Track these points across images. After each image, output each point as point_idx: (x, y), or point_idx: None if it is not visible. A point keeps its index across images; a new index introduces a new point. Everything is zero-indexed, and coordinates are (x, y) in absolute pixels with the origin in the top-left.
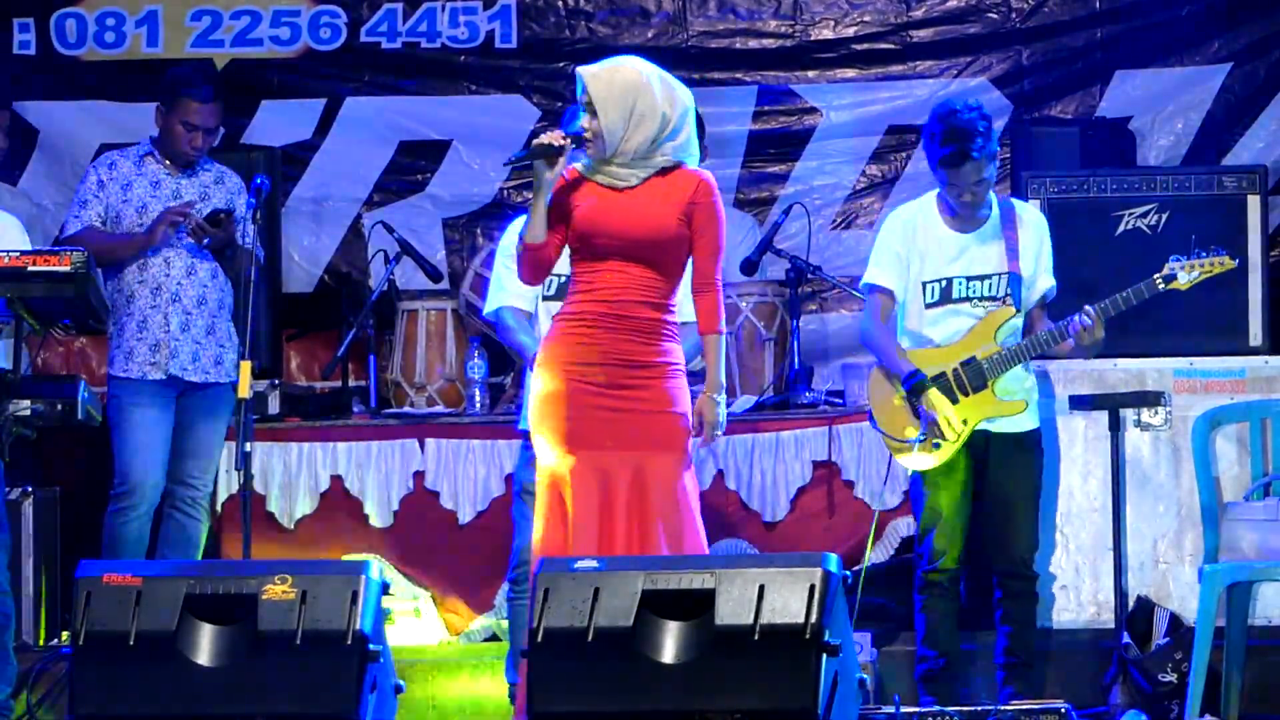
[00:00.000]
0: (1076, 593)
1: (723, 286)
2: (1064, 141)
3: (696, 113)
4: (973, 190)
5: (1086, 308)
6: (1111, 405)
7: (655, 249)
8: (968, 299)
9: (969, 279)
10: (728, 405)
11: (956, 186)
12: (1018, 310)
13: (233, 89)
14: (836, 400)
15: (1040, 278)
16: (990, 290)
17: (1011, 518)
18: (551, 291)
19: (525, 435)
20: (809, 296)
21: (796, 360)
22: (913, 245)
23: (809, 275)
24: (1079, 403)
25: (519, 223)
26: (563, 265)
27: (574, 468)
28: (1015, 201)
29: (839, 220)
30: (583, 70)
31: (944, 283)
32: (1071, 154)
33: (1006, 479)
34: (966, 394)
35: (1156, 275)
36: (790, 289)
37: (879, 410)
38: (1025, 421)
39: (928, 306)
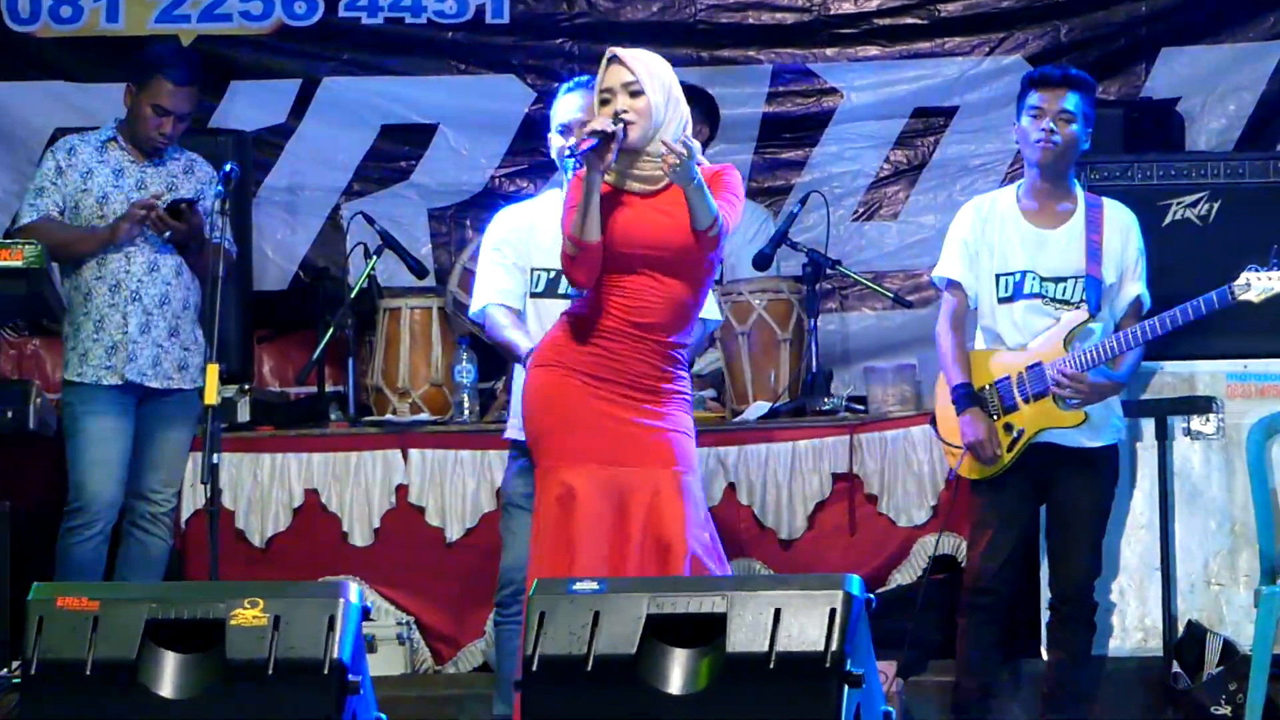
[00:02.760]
0: (1122, 617)
1: (732, 283)
2: (1106, 125)
3: (708, 94)
4: (1057, 123)
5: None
6: (1159, 412)
7: (688, 259)
8: (1041, 296)
9: (1042, 279)
10: (738, 413)
11: (1040, 118)
12: (1094, 317)
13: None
14: (858, 407)
15: (1126, 285)
16: (1064, 294)
17: (1073, 539)
18: (540, 288)
19: (514, 444)
20: (828, 294)
21: (814, 363)
22: (982, 235)
23: (828, 270)
24: (1123, 409)
25: (507, 213)
26: (553, 261)
27: (583, 482)
28: (1106, 200)
29: (861, 211)
30: (619, 50)
31: (1017, 277)
32: (1114, 138)
33: (1070, 497)
34: (1028, 401)
35: (1230, 286)
36: (807, 285)
37: (941, 415)
38: (1095, 436)
39: (1000, 301)
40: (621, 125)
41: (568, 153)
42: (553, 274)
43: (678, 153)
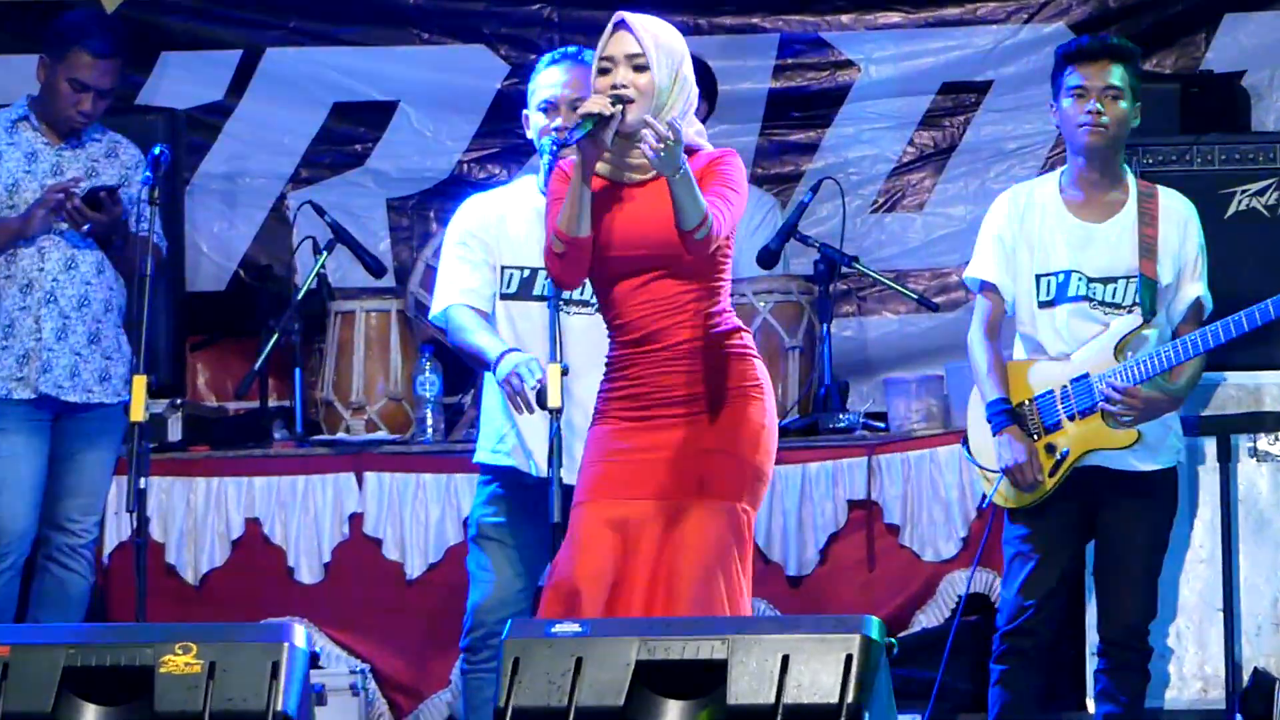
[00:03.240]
0: (1179, 664)
1: (735, 282)
2: (1161, 102)
3: (706, 67)
4: (1103, 102)
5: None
6: (1221, 430)
7: (674, 255)
8: (1087, 299)
9: (1089, 280)
10: None
11: (1084, 98)
12: (1148, 322)
13: (126, 37)
14: (878, 424)
15: (1185, 285)
16: (1114, 296)
17: (1124, 575)
18: (512, 289)
19: (483, 468)
20: (843, 295)
21: (828, 374)
22: (1020, 230)
23: (843, 268)
24: (1181, 428)
25: (474, 203)
26: (527, 258)
27: (593, 519)
28: (1160, 189)
29: (881, 200)
30: (629, 16)
31: (1060, 277)
32: (1170, 117)
33: (1121, 528)
34: (1073, 418)
35: None
36: (820, 285)
37: (973, 434)
38: (1150, 458)
39: (1041, 305)
40: (620, 106)
41: (561, 136)
42: (526, 273)
43: (661, 134)
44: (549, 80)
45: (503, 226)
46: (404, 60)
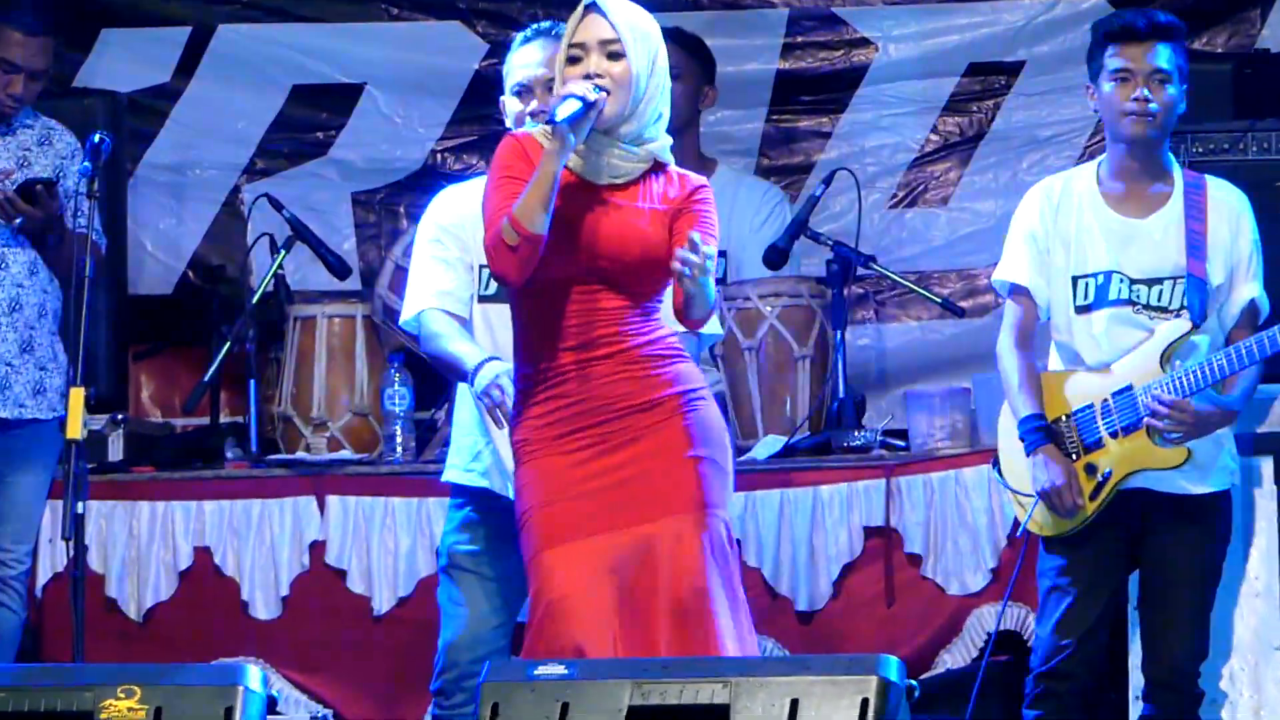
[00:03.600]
0: (1233, 709)
1: (738, 284)
2: (1213, 84)
3: (705, 48)
4: (1150, 86)
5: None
6: (1278, 448)
7: (636, 271)
8: (1130, 303)
9: (1132, 281)
10: (740, 453)
11: (1128, 82)
12: (1198, 327)
13: (63, 12)
14: (897, 442)
15: (1238, 286)
16: (1159, 299)
17: (1172, 610)
18: (491, 289)
19: (455, 490)
20: (860, 299)
21: (842, 387)
22: (1054, 227)
23: (859, 269)
24: (1236, 446)
25: (447, 196)
26: None
27: (572, 567)
28: (1209, 179)
29: (901, 194)
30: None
31: (1099, 279)
32: (1223, 101)
33: (1169, 557)
34: (1115, 436)
35: None
36: (833, 288)
37: (1004, 453)
38: (1201, 480)
39: (1078, 310)
40: (604, 95)
41: (544, 117)
42: None
43: (695, 265)
44: (524, 60)
45: (479, 222)
46: (371, 38)
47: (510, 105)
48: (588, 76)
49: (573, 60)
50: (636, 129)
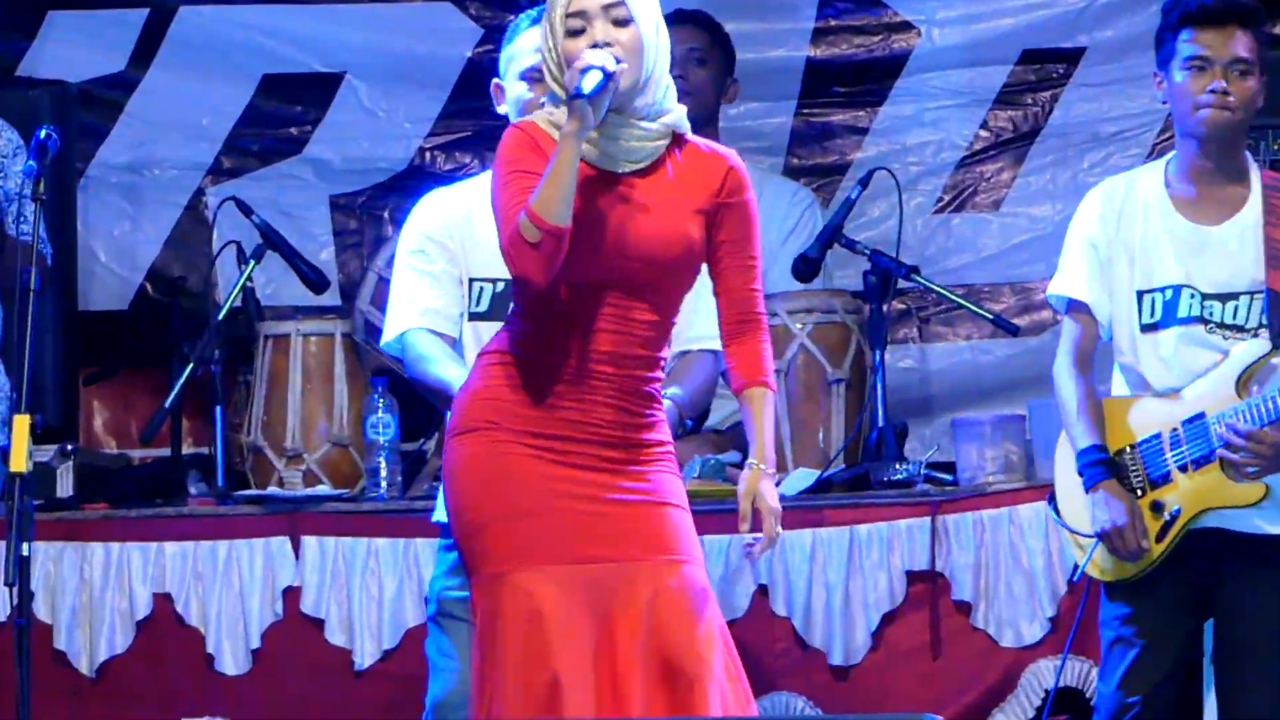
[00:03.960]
0: None
1: (765, 299)
2: None
3: (723, 32)
4: (1229, 78)
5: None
6: None
7: (673, 274)
8: (1202, 320)
9: (1204, 296)
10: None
11: (1204, 71)
12: (1278, 348)
13: None
14: (944, 476)
15: None
16: (1234, 316)
17: (1250, 663)
18: (484, 306)
19: (445, 530)
20: (901, 316)
21: (881, 414)
22: (1117, 235)
23: (900, 281)
24: None
25: (432, 201)
26: (500, 268)
27: (548, 590)
28: None
29: (947, 198)
30: None
31: (1167, 294)
32: None
33: (1245, 605)
34: (1185, 469)
35: None
36: (872, 304)
37: (1062, 489)
38: (1277, 519)
39: (1144, 329)
40: (621, 65)
41: (572, 92)
42: (500, 285)
43: (767, 539)
44: (533, 43)
45: (469, 229)
46: (351, 21)
47: (514, 90)
48: (596, 46)
49: (575, 33)
50: (651, 101)
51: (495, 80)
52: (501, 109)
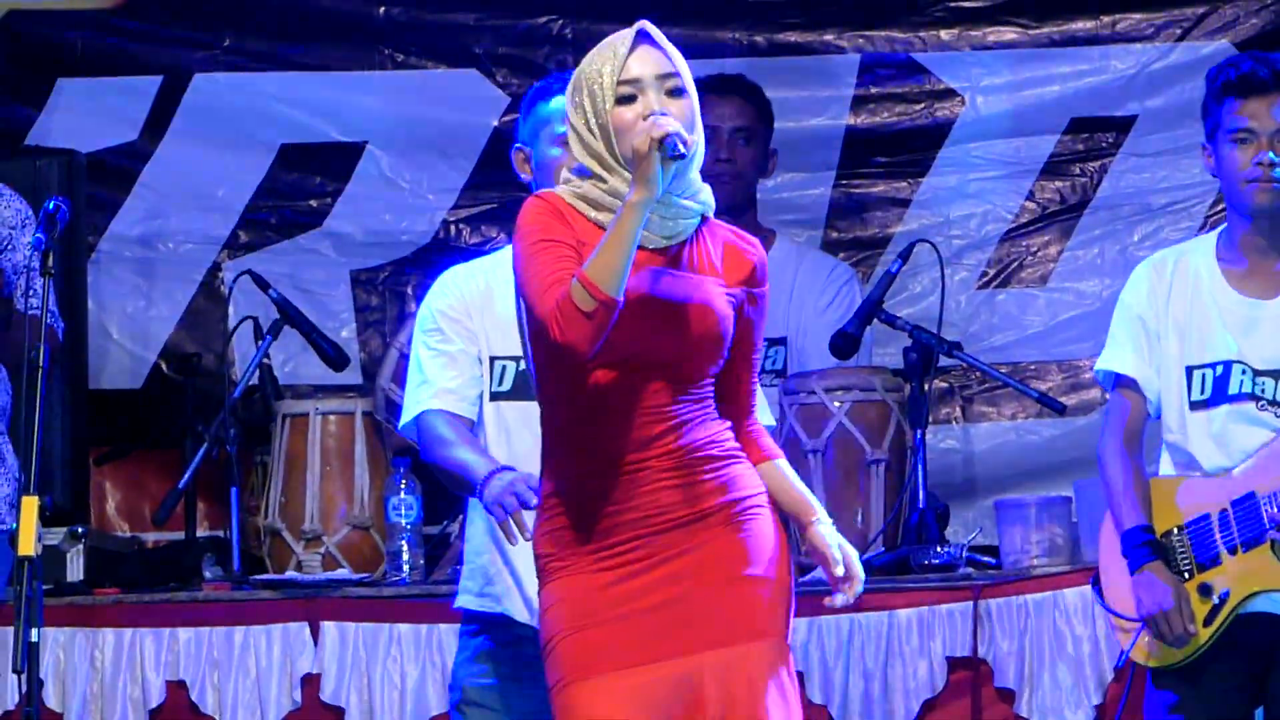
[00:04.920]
0: None
1: (800, 376)
2: None
3: (764, 98)
4: (1276, 149)
5: None
6: None
7: (709, 353)
8: (1254, 398)
9: (1256, 373)
10: (803, 571)
11: (1249, 142)
12: None
13: (12, 59)
14: (987, 559)
15: None
16: None
17: None
18: (506, 386)
19: (468, 616)
20: (945, 395)
21: (922, 495)
22: (1166, 310)
23: (942, 359)
24: None
25: (452, 277)
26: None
27: (610, 702)
28: None
29: (991, 271)
30: (650, 27)
31: (1218, 370)
32: None
33: None
34: (1234, 551)
35: None
36: (913, 381)
37: (1107, 572)
38: None
39: (1193, 406)
40: (692, 137)
41: (668, 151)
42: (523, 364)
43: (853, 584)
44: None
45: (489, 306)
46: (373, 89)
47: (549, 154)
48: (650, 115)
49: (625, 100)
50: (694, 178)
51: (518, 146)
52: (525, 175)
